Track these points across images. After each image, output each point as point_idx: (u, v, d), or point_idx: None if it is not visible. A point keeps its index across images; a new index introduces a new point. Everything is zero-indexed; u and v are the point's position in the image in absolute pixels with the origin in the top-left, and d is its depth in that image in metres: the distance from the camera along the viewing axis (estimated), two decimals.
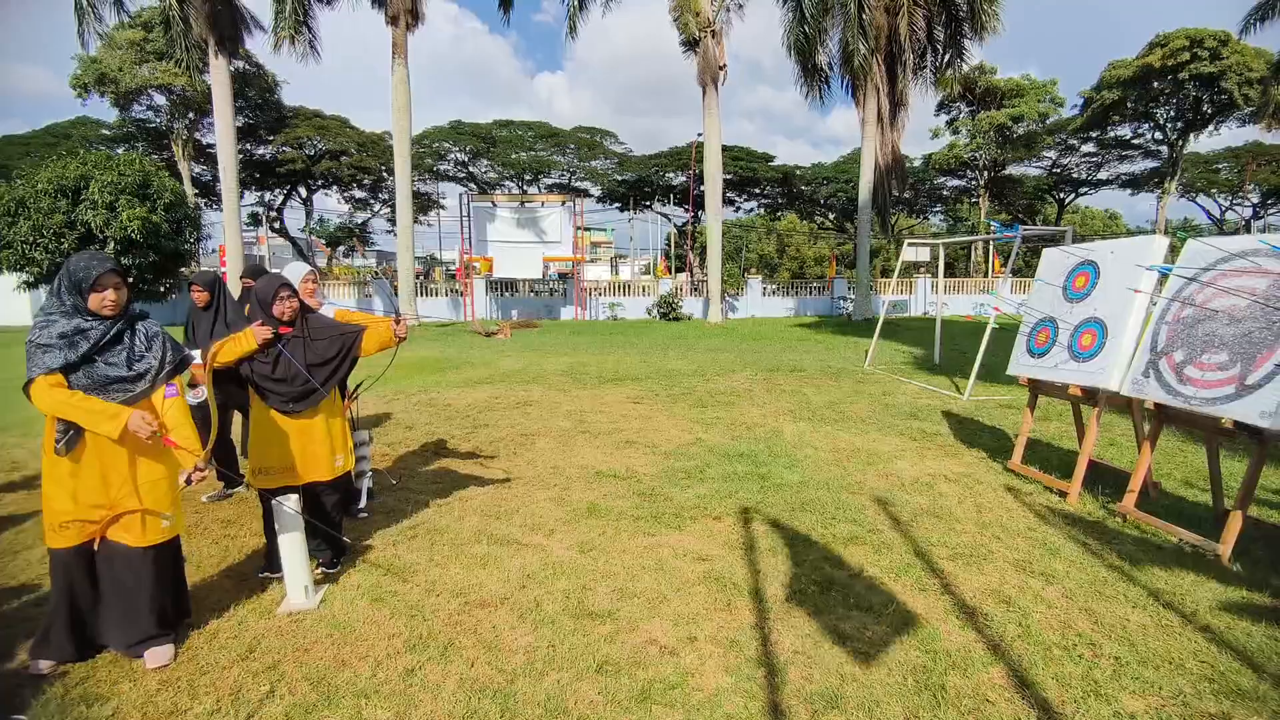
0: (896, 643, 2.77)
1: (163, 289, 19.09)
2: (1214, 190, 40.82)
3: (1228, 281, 3.77)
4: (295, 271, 4.15)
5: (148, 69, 27.73)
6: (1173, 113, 34.04)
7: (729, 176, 35.21)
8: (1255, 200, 40.70)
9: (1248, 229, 39.16)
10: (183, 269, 20.05)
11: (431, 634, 2.86)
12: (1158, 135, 36.04)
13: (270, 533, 3.43)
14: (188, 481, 2.71)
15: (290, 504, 3.07)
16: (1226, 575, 3.34)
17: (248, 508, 4.47)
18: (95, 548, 2.66)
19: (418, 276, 26.91)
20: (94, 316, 2.57)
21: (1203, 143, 35.99)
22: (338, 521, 3.57)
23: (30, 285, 17.44)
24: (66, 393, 2.47)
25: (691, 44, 21.58)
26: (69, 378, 2.50)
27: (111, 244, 16.30)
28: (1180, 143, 34.50)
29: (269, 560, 3.45)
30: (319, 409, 3.39)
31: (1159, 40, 30.48)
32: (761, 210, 47.57)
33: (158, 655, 2.65)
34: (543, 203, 25.52)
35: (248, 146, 34.16)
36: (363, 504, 4.39)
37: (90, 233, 16.31)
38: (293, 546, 3.08)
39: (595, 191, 41.66)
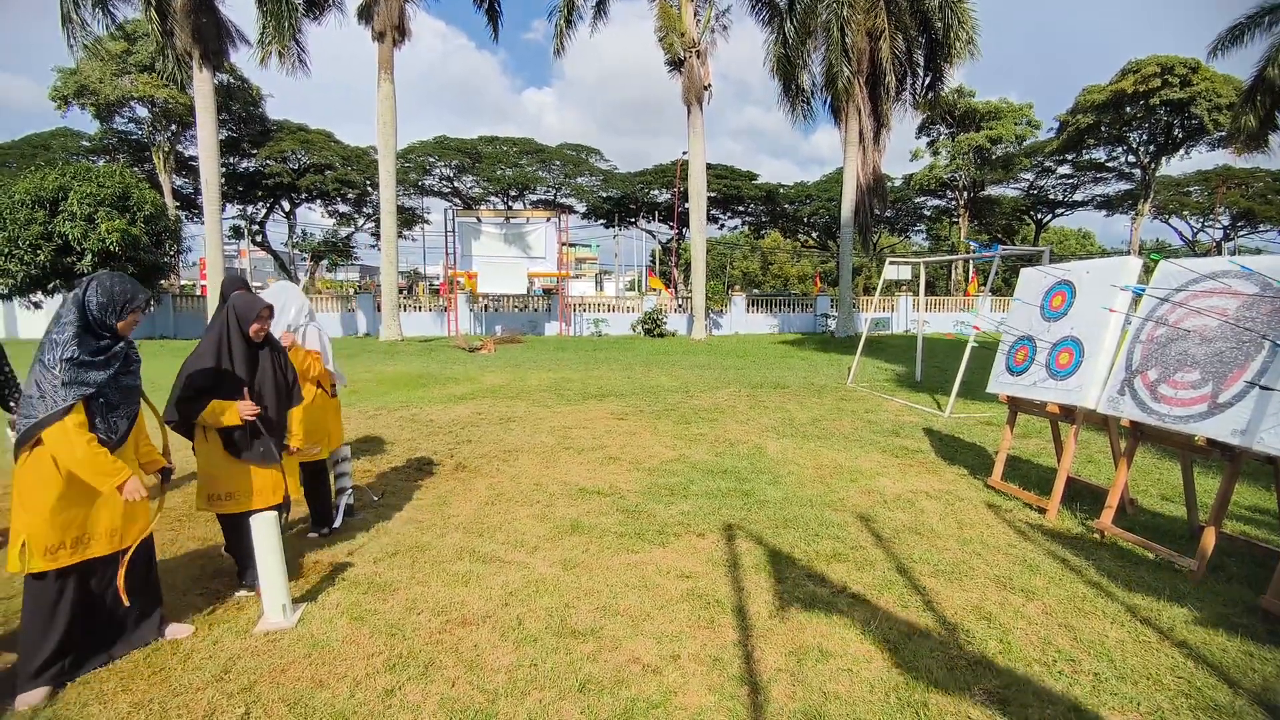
0: (879, 660, 2.77)
1: None
2: (1186, 212, 41.84)
3: (1199, 302, 3.86)
4: (284, 294, 4.20)
5: (129, 80, 27.52)
6: (1145, 137, 34.99)
7: (713, 194, 35.55)
8: (1225, 222, 41.76)
9: (1219, 250, 40.12)
10: (162, 281, 19.81)
11: (412, 653, 2.82)
12: (1131, 158, 37.01)
13: (235, 550, 3.41)
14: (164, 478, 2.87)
15: (268, 520, 3.03)
16: (1201, 591, 3.39)
17: None
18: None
19: (401, 291, 26.75)
20: (112, 337, 2.53)
21: (1174, 166, 36.97)
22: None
23: (4, 297, 17.14)
24: (84, 444, 2.39)
25: (677, 64, 21.85)
26: (98, 398, 2.46)
27: (89, 256, 16.08)
28: (1152, 166, 35.40)
29: (243, 577, 3.39)
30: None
31: (1131, 67, 31.35)
32: (745, 228, 48.03)
33: (176, 630, 2.94)
34: (528, 218, 25.56)
35: (231, 160, 33.96)
36: (338, 522, 4.33)
37: (67, 244, 16.09)
38: (270, 564, 3.02)
39: (580, 208, 41.88)
